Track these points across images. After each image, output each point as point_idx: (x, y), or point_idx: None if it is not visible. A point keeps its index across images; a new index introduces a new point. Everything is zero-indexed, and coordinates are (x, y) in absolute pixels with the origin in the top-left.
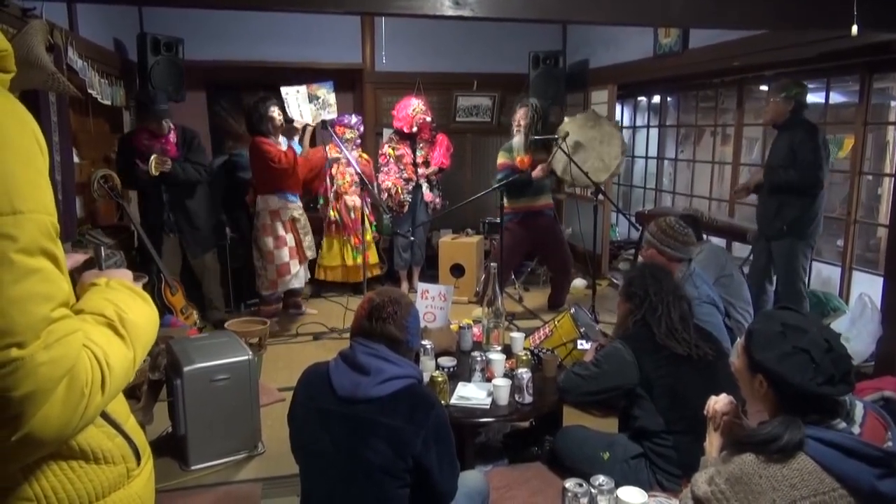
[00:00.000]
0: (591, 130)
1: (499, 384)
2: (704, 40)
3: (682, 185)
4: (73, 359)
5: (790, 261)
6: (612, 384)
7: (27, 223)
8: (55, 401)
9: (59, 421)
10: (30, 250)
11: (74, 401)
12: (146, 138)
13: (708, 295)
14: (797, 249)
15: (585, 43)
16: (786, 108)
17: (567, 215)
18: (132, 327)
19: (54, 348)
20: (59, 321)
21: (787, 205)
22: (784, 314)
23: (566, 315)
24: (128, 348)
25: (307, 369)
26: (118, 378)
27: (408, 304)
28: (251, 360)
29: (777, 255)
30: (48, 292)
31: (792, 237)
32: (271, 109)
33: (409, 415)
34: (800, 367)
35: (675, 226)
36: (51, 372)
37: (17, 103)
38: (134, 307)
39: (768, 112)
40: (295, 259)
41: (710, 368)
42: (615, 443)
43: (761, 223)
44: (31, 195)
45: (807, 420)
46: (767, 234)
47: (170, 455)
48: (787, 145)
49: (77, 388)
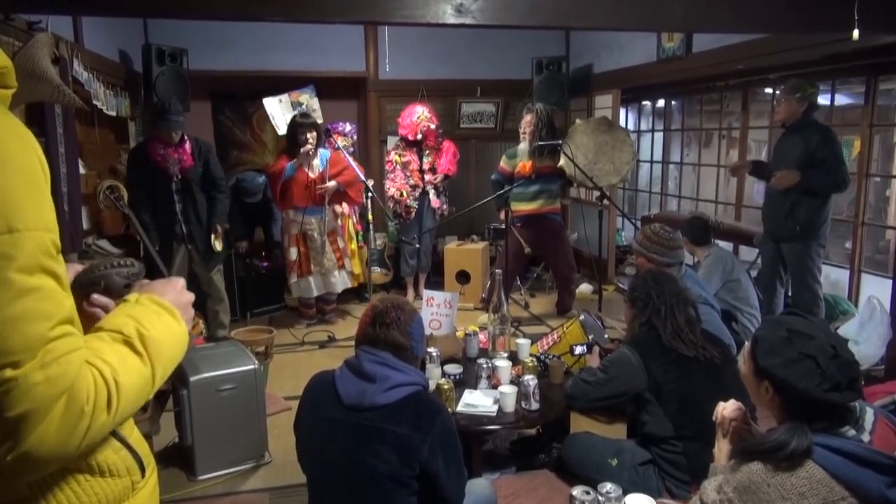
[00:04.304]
0: (603, 135)
1: (505, 391)
2: (708, 44)
3: (688, 188)
4: (72, 377)
5: (805, 262)
6: (619, 389)
7: (26, 241)
8: (52, 420)
9: (57, 440)
10: (28, 269)
11: (73, 420)
12: (161, 149)
13: (700, 295)
14: (810, 250)
15: (589, 48)
16: (799, 108)
17: (572, 220)
18: (152, 344)
19: (51, 367)
20: (57, 339)
21: (801, 205)
22: (790, 320)
23: (575, 321)
24: (145, 366)
25: (313, 378)
26: (130, 397)
27: (411, 311)
28: (257, 370)
29: (790, 258)
30: (46, 311)
31: (804, 238)
32: (302, 133)
33: (415, 422)
34: (805, 373)
35: (661, 231)
36: (47, 391)
37: (17, 121)
38: (158, 324)
39: (781, 112)
40: (294, 272)
41: (718, 373)
42: (623, 449)
43: (770, 224)
44: (31, 213)
45: (814, 427)
46: (777, 236)
47: (177, 465)
48: (802, 147)
49: (76, 406)
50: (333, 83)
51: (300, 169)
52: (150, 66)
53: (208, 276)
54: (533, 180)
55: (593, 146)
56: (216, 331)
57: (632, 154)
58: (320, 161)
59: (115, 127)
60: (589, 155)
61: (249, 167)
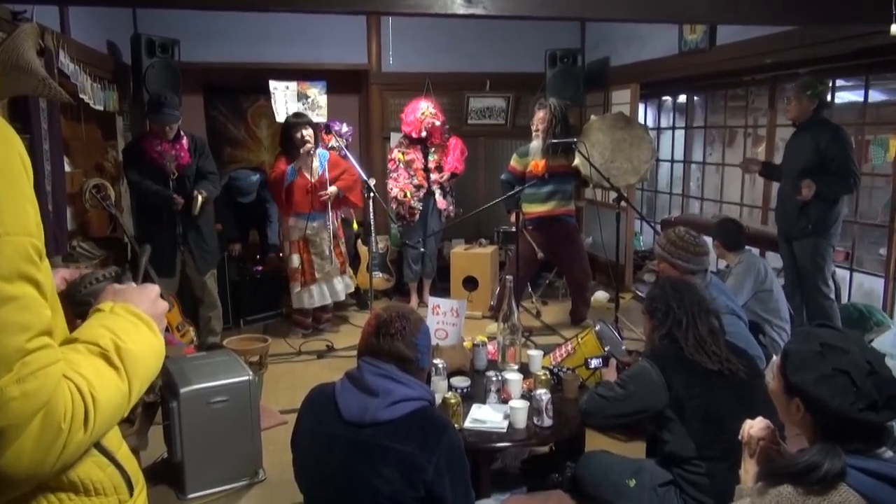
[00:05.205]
0: (620, 132)
1: (516, 406)
2: (733, 36)
3: (711, 190)
4: (50, 392)
5: (815, 259)
6: (639, 406)
7: (5, 247)
8: (28, 437)
9: (33, 458)
10: (7, 276)
11: (50, 437)
12: (157, 145)
13: (727, 305)
14: (820, 247)
15: (605, 40)
16: (809, 106)
17: (588, 223)
18: (129, 358)
19: (28, 381)
20: (35, 352)
21: (812, 204)
22: (822, 332)
23: (590, 332)
24: (122, 381)
25: (312, 391)
26: (106, 413)
27: (417, 321)
28: (251, 381)
29: (801, 255)
30: (25, 322)
31: (815, 236)
32: (297, 130)
33: (420, 439)
34: (839, 390)
35: (686, 236)
36: (23, 406)
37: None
38: (135, 336)
39: (793, 110)
40: (297, 281)
41: (745, 388)
42: (642, 469)
43: (783, 224)
44: (10, 216)
45: (848, 448)
46: (789, 235)
47: (165, 483)
48: (813, 145)
49: (53, 423)
50: (333, 76)
51: (300, 172)
52: (140, 57)
53: (202, 280)
54: (546, 180)
55: (610, 144)
56: (207, 338)
57: (651, 152)
58: (319, 163)
59: (102, 122)
60: (605, 153)
61: (243, 165)
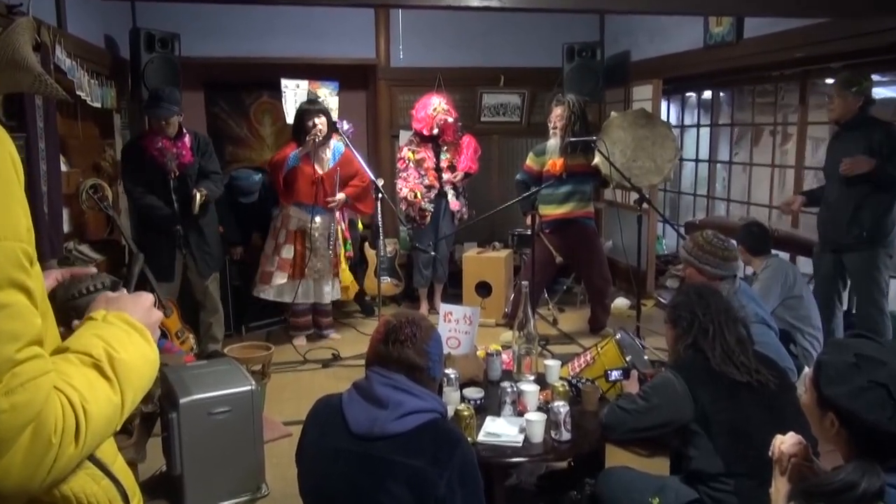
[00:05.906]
0: (642, 129)
1: (532, 419)
2: (761, 29)
3: (738, 191)
4: (40, 404)
5: (872, 274)
6: (662, 420)
7: None
8: (17, 451)
9: (22, 473)
10: None
11: (40, 451)
12: (158, 142)
13: (756, 314)
14: (877, 260)
15: (626, 33)
16: (855, 104)
17: (607, 226)
18: (122, 368)
19: (17, 393)
20: (25, 362)
21: (866, 207)
22: (858, 343)
23: (611, 341)
24: (114, 392)
25: (317, 402)
26: (98, 426)
27: (428, 328)
28: (254, 391)
29: (853, 269)
30: (15, 331)
31: (871, 246)
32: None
33: (431, 454)
34: (876, 404)
35: (714, 240)
36: (12, 420)
37: None
38: (129, 346)
39: (836, 109)
40: (284, 272)
41: (775, 401)
42: (666, 486)
43: (828, 231)
44: (0, 222)
45: (887, 466)
46: (838, 245)
47: (164, 497)
48: (865, 145)
49: (44, 436)
50: (340, 71)
51: (307, 161)
52: (139, 52)
53: (203, 284)
54: (564, 181)
55: (631, 142)
56: (208, 346)
57: (675, 151)
58: (332, 156)
59: (99, 120)
60: (627, 152)
61: (245, 164)
